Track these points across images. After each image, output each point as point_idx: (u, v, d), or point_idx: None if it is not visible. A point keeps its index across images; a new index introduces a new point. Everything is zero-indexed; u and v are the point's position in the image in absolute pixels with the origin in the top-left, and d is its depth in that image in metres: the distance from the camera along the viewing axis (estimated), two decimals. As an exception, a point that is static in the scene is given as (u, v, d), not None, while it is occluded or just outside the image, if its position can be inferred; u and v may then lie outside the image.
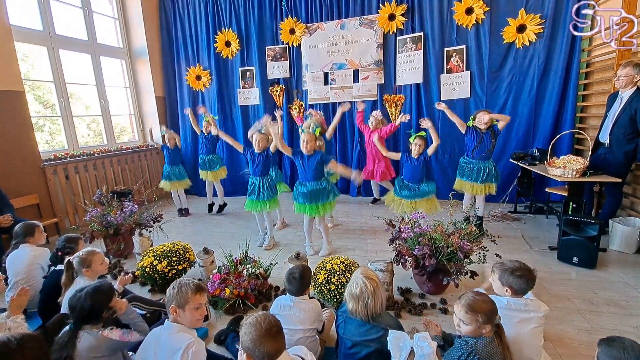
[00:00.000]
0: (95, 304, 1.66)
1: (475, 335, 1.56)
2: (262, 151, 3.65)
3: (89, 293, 1.66)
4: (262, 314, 1.41)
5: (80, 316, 1.64)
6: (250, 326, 1.35)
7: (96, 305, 1.66)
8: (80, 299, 1.64)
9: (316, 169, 3.35)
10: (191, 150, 6.48)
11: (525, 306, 1.77)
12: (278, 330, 1.38)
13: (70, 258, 2.19)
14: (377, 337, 1.70)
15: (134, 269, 3.17)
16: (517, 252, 3.45)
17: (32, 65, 4.83)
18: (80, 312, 1.63)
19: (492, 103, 4.95)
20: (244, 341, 1.34)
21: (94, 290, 1.68)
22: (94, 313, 1.67)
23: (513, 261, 1.86)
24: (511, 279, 1.78)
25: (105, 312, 1.71)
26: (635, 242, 3.34)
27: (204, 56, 6.17)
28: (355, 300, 1.73)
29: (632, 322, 2.35)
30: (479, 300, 1.56)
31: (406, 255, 2.60)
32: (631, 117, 3.31)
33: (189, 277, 1.85)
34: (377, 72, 5.46)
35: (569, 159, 3.41)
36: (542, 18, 4.47)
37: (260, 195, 3.65)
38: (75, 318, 1.65)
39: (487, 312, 1.54)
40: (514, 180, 4.77)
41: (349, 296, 1.77)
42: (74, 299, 1.66)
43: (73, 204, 4.74)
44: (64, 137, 4.98)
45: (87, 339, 1.61)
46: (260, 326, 1.34)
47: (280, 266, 3.08)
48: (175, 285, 1.69)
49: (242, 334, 1.36)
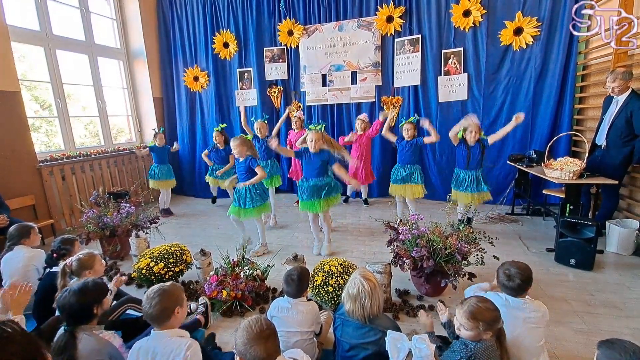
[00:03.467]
0: (83, 301, 1.64)
1: (475, 340, 1.54)
2: (244, 159, 3.55)
3: (74, 291, 1.64)
4: (255, 318, 1.40)
5: (70, 315, 1.62)
6: (242, 329, 1.36)
7: (84, 303, 1.64)
8: (66, 298, 1.62)
9: (321, 166, 3.39)
10: (188, 151, 6.47)
11: (524, 304, 1.78)
12: (270, 334, 1.37)
13: (67, 262, 2.16)
14: (374, 340, 1.69)
15: (131, 270, 3.16)
16: (515, 254, 3.45)
17: (29, 65, 4.80)
18: (70, 310, 1.61)
19: (489, 105, 4.97)
20: (237, 344, 1.34)
21: (79, 288, 1.66)
22: (84, 311, 1.65)
23: (511, 262, 1.86)
24: (505, 281, 1.81)
25: (96, 309, 1.69)
26: (632, 243, 3.35)
27: (201, 57, 6.16)
28: (352, 301, 1.73)
29: (629, 323, 2.35)
30: (482, 307, 1.54)
31: (404, 257, 2.60)
32: (627, 119, 3.33)
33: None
34: (375, 74, 5.47)
35: (566, 161, 3.42)
36: (539, 21, 4.50)
37: (246, 203, 3.53)
38: (67, 318, 1.63)
39: (489, 320, 1.52)
40: (512, 182, 4.79)
41: (347, 296, 1.77)
42: (61, 299, 1.64)
43: (69, 205, 4.71)
44: (60, 137, 4.95)
45: (89, 342, 1.57)
46: (251, 329, 1.33)
47: (278, 268, 3.08)
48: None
49: (236, 337, 1.36)
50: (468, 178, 3.83)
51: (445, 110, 5.22)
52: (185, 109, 6.39)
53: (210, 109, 6.28)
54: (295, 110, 5.52)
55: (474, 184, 3.82)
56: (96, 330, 1.66)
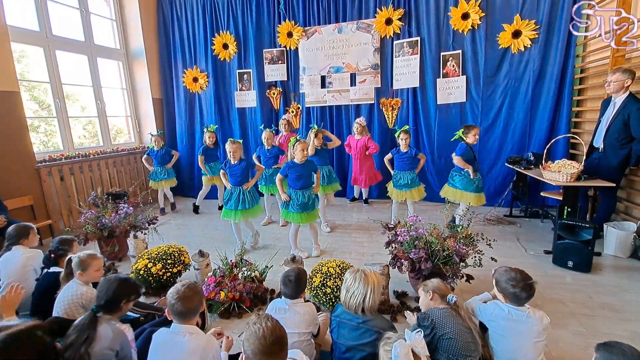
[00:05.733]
0: (120, 291, 1.74)
1: (426, 307, 1.84)
2: (238, 162, 3.62)
3: (118, 278, 1.78)
4: (270, 326, 1.33)
5: (104, 299, 1.71)
6: (254, 336, 1.30)
7: (120, 293, 1.74)
8: (110, 281, 1.75)
9: (309, 175, 3.47)
10: (187, 151, 6.46)
11: (527, 317, 1.73)
12: (282, 347, 1.34)
13: (72, 256, 2.17)
14: (370, 341, 1.69)
15: (129, 271, 3.14)
16: (513, 256, 3.46)
17: (27, 65, 4.80)
18: (106, 294, 1.71)
19: (487, 107, 4.99)
20: (246, 347, 1.31)
21: (124, 278, 1.81)
22: (115, 300, 1.73)
23: (514, 270, 1.81)
24: (509, 290, 1.75)
25: (123, 303, 1.76)
26: (630, 246, 3.36)
27: (201, 58, 6.16)
28: (349, 292, 1.77)
29: (627, 326, 2.36)
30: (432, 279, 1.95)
31: (402, 259, 2.60)
32: (624, 122, 3.34)
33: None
34: (374, 76, 5.49)
35: (563, 164, 3.43)
36: (537, 24, 4.52)
37: (239, 205, 3.62)
38: (99, 300, 1.72)
39: (437, 286, 1.87)
40: (510, 184, 4.80)
41: (344, 289, 1.81)
42: (105, 282, 1.76)
43: (67, 205, 4.70)
44: (59, 138, 4.95)
45: (107, 330, 1.62)
46: (265, 341, 1.29)
47: (276, 269, 3.07)
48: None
49: (245, 339, 1.33)
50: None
51: (443, 113, 5.23)
52: (185, 110, 6.40)
53: (209, 110, 6.28)
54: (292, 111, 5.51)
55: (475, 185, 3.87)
56: (113, 321, 1.71)
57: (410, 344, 1.45)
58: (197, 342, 1.58)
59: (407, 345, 1.45)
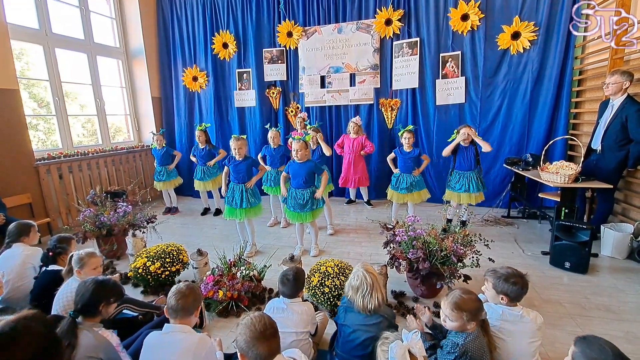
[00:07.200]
0: (96, 293, 1.68)
1: (460, 330, 1.61)
2: (244, 158, 3.57)
3: (95, 281, 1.73)
4: (257, 315, 1.40)
5: (80, 303, 1.66)
6: (245, 327, 1.35)
7: (96, 296, 1.68)
8: (86, 285, 1.70)
9: (307, 175, 3.41)
10: (186, 150, 6.45)
11: (521, 317, 1.74)
12: (273, 333, 1.38)
13: (74, 252, 2.18)
14: (376, 322, 1.78)
15: (127, 270, 3.15)
16: (510, 257, 3.48)
17: (26, 63, 4.80)
18: (82, 299, 1.66)
19: (486, 108, 5.00)
20: (239, 341, 1.34)
21: (101, 280, 1.75)
22: (90, 304, 1.67)
23: (505, 268, 1.84)
24: (506, 286, 1.76)
25: (102, 307, 1.70)
26: (627, 247, 3.38)
27: (200, 57, 6.16)
28: (354, 292, 1.82)
29: (623, 327, 2.37)
30: (466, 298, 1.60)
31: (400, 259, 2.61)
32: (622, 124, 3.36)
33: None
34: (373, 76, 5.50)
35: (561, 165, 3.45)
36: (536, 25, 4.53)
37: (241, 203, 3.56)
38: (76, 304, 1.67)
39: (473, 310, 1.58)
40: (508, 185, 4.81)
41: (349, 288, 1.85)
42: (82, 285, 1.72)
43: (66, 203, 4.70)
44: (58, 136, 4.94)
45: (87, 337, 1.59)
46: (254, 327, 1.34)
47: (274, 268, 3.08)
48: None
49: (238, 334, 1.36)
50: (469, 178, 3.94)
51: (442, 114, 5.25)
52: (184, 109, 6.39)
53: (208, 109, 6.28)
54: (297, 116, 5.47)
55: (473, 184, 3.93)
56: (96, 327, 1.67)
57: (407, 345, 1.47)
58: (189, 340, 1.57)
59: (404, 346, 1.46)
